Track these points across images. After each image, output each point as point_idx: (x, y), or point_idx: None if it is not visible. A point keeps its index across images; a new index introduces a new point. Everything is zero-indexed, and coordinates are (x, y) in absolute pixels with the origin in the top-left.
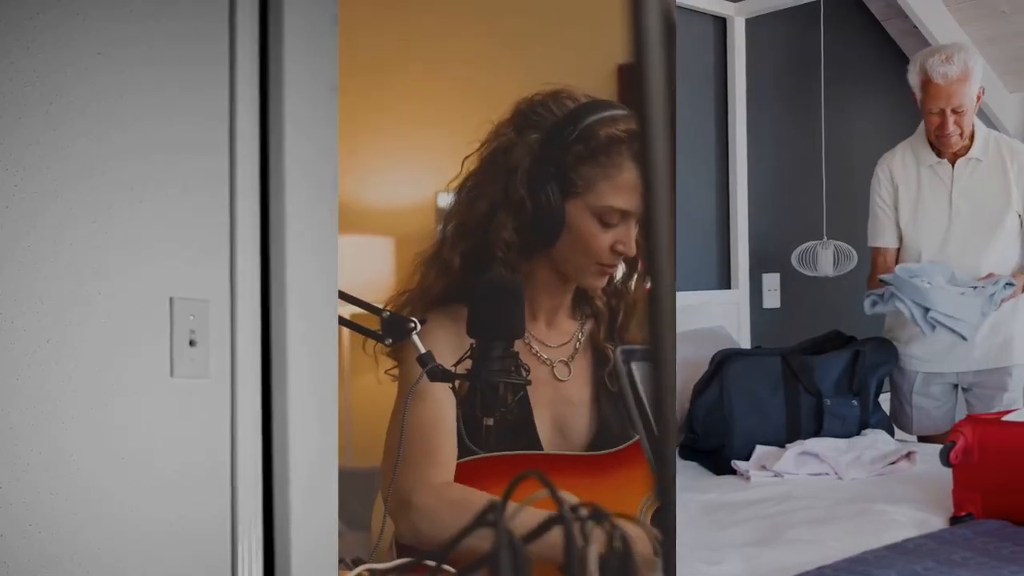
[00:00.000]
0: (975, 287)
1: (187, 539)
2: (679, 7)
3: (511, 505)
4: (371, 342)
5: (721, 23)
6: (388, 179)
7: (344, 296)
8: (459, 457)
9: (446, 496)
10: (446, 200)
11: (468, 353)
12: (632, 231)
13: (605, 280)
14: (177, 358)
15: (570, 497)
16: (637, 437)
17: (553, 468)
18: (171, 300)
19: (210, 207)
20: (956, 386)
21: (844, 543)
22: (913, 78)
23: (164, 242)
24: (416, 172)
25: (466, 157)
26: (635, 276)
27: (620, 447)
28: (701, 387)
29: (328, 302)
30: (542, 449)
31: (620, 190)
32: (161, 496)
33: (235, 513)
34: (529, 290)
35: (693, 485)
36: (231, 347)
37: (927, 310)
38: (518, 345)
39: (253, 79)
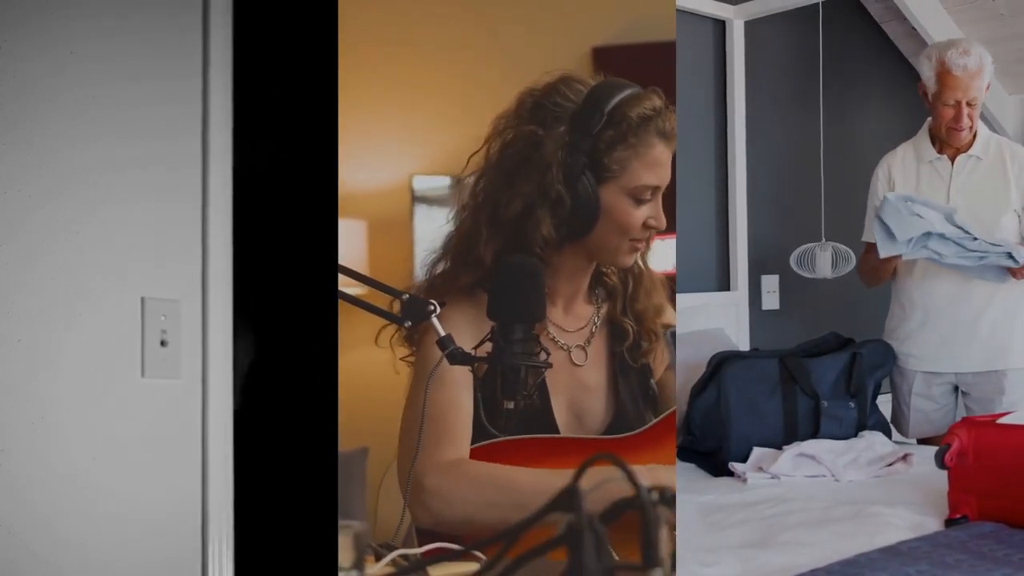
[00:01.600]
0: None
1: (159, 534)
2: (678, 10)
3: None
4: (387, 331)
5: (720, 26)
6: (361, 161)
7: (362, 278)
8: (478, 440)
9: (458, 473)
10: (422, 184)
11: (488, 336)
12: (660, 204)
13: (635, 257)
14: (148, 358)
15: (642, 480)
16: (655, 421)
17: (572, 451)
18: (142, 300)
19: (182, 210)
20: (956, 388)
21: (839, 545)
22: (927, 71)
23: (136, 243)
24: (390, 154)
25: (472, 154)
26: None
27: (638, 430)
28: (699, 389)
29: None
30: (559, 433)
31: (651, 167)
32: (131, 496)
33: (205, 514)
34: (550, 278)
35: (690, 487)
36: (202, 347)
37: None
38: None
39: (226, 92)
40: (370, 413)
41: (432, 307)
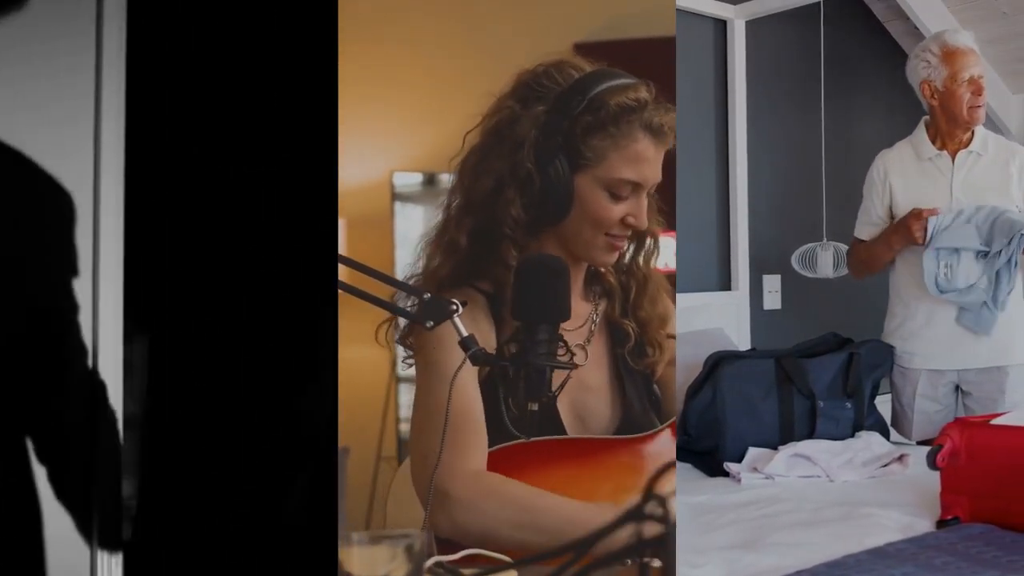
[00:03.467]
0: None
1: None
2: (679, 10)
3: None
4: (384, 329)
5: (721, 25)
6: (340, 158)
7: (380, 276)
8: (496, 443)
9: (484, 486)
10: (402, 181)
11: (512, 336)
12: (643, 203)
13: (615, 256)
14: None
15: None
16: (663, 425)
17: (582, 453)
18: None
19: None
20: (957, 388)
21: (828, 547)
22: (932, 60)
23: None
24: (370, 151)
25: (468, 132)
26: (643, 251)
27: (648, 432)
28: (695, 389)
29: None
30: (566, 434)
31: (631, 161)
32: None
33: None
34: None
35: (685, 487)
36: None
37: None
38: None
39: (120, 86)
40: (351, 413)
41: (455, 307)
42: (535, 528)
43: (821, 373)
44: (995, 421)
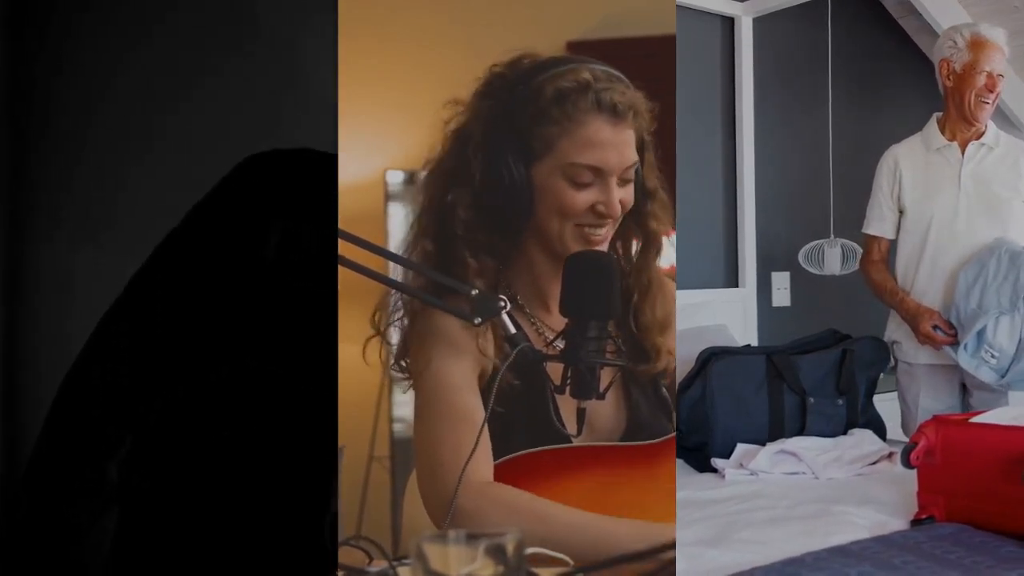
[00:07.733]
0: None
1: None
2: (686, 7)
3: None
4: (373, 344)
5: (729, 23)
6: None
7: (425, 270)
8: (540, 446)
9: (493, 497)
10: (396, 179)
11: (561, 333)
12: (612, 189)
13: (595, 246)
14: None
15: None
16: (673, 433)
17: (588, 461)
18: None
19: None
20: (962, 386)
21: (791, 544)
22: (959, 42)
23: None
24: (363, 149)
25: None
26: (650, 251)
27: (658, 440)
28: (685, 384)
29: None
30: (571, 442)
31: (583, 146)
32: None
33: None
34: (527, 275)
35: None
36: None
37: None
38: (530, 334)
39: None
40: (345, 411)
41: (503, 303)
42: (548, 540)
43: (813, 370)
44: (974, 419)
